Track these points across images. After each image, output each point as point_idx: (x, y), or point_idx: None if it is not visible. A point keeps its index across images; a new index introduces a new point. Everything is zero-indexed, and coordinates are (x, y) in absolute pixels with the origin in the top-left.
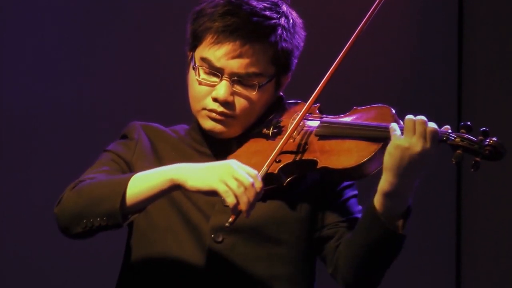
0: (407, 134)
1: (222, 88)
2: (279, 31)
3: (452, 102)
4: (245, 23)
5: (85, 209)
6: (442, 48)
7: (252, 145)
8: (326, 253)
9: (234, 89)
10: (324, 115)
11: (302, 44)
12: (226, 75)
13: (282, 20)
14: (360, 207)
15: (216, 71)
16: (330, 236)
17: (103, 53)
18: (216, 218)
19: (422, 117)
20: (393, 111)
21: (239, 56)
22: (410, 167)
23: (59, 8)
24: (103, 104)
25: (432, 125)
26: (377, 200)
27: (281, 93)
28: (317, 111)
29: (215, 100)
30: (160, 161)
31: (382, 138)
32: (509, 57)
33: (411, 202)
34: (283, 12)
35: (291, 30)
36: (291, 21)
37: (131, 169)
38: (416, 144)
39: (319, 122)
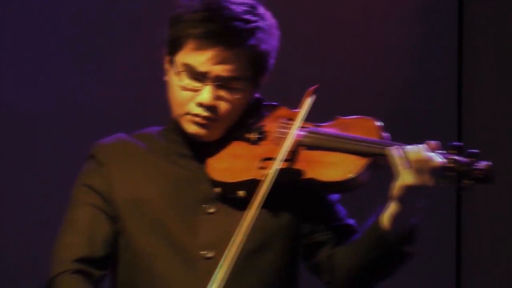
0: (417, 173)
1: (206, 93)
2: (259, 34)
3: (452, 102)
4: (226, 28)
5: None
6: (442, 49)
7: (234, 149)
8: (319, 260)
9: (217, 93)
10: (308, 123)
11: (277, 44)
12: (209, 80)
13: (261, 22)
14: (345, 212)
15: (199, 76)
16: (322, 243)
17: (104, 53)
18: (204, 232)
19: (432, 156)
20: (377, 123)
21: (222, 61)
22: (417, 195)
23: (60, 7)
24: (104, 104)
25: (437, 159)
26: (382, 221)
27: (258, 95)
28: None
29: (199, 105)
30: (142, 177)
31: (371, 153)
32: (510, 57)
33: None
34: (260, 14)
35: (269, 31)
36: (268, 22)
37: (109, 203)
38: (426, 181)
39: (305, 131)
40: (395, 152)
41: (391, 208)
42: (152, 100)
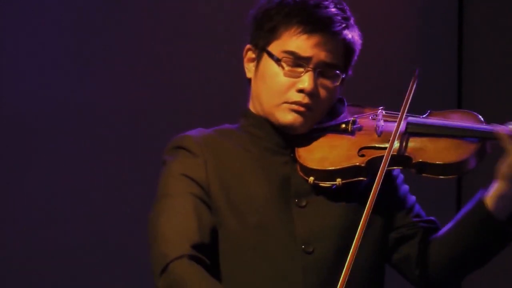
0: None
1: (308, 79)
2: (352, 26)
3: (452, 102)
4: (328, 15)
5: None
6: (442, 49)
7: (328, 140)
8: (407, 254)
9: (317, 80)
10: (408, 115)
11: (361, 42)
12: (311, 65)
13: (351, 17)
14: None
15: (302, 62)
16: (410, 236)
17: (104, 53)
18: (301, 226)
19: None
20: (478, 115)
21: (326, 47)
22: None
23: (61, 7)
24: (104, 104)
25: None
26: (487, 202)
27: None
28: (385, 112)
29: (300, 91)
30: (235, 171)
31: (481, 136)
32: (510, 57)
33: None
34: (348, 9)
35: (356, 27)
36: (353, 19)
37: (208, 194)
38: None
39: (409, 120)
40: (506, 130)
41: (498, 188)
42: (152, 100)
